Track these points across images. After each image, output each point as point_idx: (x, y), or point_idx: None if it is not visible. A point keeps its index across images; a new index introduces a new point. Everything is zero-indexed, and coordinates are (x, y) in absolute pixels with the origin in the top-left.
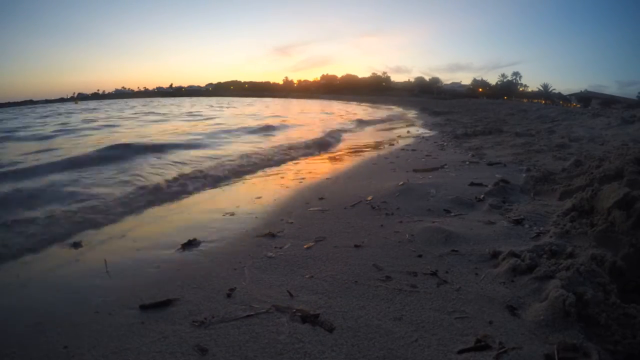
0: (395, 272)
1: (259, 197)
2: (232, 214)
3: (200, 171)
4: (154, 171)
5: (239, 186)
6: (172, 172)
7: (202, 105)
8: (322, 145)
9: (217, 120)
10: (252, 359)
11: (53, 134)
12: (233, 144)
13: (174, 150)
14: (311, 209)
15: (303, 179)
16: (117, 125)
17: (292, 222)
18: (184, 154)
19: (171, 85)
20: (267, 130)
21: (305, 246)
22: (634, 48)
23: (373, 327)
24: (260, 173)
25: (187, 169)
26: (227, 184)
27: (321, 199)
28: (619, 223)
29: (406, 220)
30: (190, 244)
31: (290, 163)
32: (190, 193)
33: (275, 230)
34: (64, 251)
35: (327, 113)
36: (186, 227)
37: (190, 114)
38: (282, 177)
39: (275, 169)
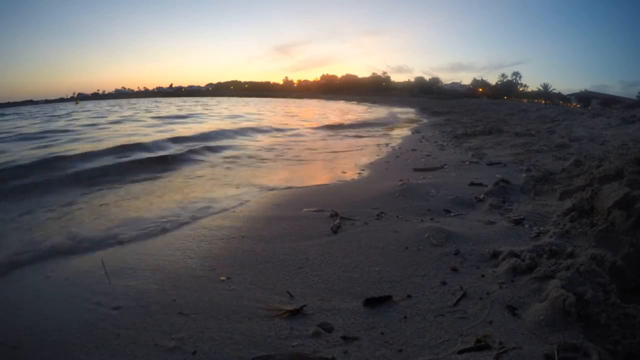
0: (395, 272)
1: None
2: None
3: None
4: None
5: None
6: None
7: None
8: None
9: None
10: None
11: None
12: None
13: None
14: (307, 209)
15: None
16: None
17: (291, 222)
18: None
19: (171, 85)
20: None
21: (304, 247)
22: (638, 48)
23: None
24: None
25: None
26: None
27: (318, 197)
28: (619, 223)
29: (406, 220)
30: None
31: None
32: None
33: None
34: None
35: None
36: None
37: None
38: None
39: None
